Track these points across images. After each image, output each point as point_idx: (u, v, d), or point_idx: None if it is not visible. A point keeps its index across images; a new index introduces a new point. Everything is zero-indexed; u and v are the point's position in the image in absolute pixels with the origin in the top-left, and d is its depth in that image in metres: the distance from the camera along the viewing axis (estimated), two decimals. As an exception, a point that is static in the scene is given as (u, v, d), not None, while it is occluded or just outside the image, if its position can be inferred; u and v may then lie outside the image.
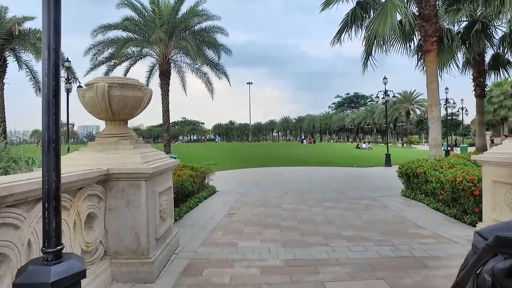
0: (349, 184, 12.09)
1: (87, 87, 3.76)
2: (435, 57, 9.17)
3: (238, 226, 6.13)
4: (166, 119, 16.93)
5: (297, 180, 13.27)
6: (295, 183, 12.37)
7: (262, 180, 13.43)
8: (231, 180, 13.26)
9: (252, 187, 11.46)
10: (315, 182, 12.66)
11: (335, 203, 8.37)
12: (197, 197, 8.37)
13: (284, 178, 13.99)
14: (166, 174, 4.24)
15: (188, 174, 8.43)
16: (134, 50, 17.00)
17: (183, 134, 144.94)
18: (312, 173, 15.93)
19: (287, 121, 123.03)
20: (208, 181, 10.44)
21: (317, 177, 14.29)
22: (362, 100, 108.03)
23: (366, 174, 15.40)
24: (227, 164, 20.24)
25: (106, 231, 3.44)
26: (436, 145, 9.36)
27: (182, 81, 19.77)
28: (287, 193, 10.11)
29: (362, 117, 77.34)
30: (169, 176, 4.43)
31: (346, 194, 9.84)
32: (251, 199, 8.95)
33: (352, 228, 5.87)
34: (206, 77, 19.14)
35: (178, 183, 7.17)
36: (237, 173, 16.18)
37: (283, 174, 15.31)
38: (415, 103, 55.60)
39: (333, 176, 14.64)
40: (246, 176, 14.83)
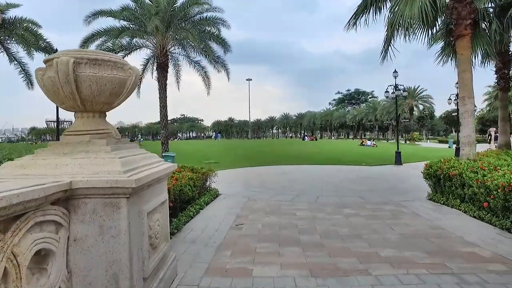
0: (364, 185, 11.03)
1: (46, 65, 2.67)
2: (468, 43, 8.09)
3: (249, 242, 5.06)
4: (164, 115, 15.83)
5: (306, 180, 12.21)
6: (305, 184, 11.31)
7: (268, 180, 12.37)
8: (235, 181, 12.20)
9: (258, 189, 10.39)
10: (326, 183, 11.60)
11: (355, 209, 7.31)
12: (198, 203, 7.31)
13: (291, 178, 12.93)
14: (159, 185, 3.16)
15: (188, 176, 7.36)
16: (129, 41, 15.85)
17: (182, 131, 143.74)
18: (320, 172, 14.87)
19: (287, 117, 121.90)
20: (210, 183, 9.37)
21: (327, 177, 13.23)
22: (363, 97, 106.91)
23: (379, 174, 14.34)
24: (228, 162, 19.17)
25: (70, 272, 2.36)
26: (469, 143, 8.29)
27: (176, 74, 18.65)
28: (298, 196, 9.05)
29: (364, 114, 76.20)
30: (163, 187, 3.35)
31: (365, 197, 8.78)
32: (260, 205, 7.88)
33: (388, 245, 4.81)
34: (204, 71, 18.05)
35: (176, 189, 6.10)
36: (240, 172, 15.11)
37: (290, 174, 14.24)
38: (419, 99, 54.50)
39: (344, 176, 13.57)
40: (250, 176, 13.76)
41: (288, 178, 13.04)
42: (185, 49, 17.30)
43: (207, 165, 18.67)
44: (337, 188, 10.50)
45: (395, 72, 18.95)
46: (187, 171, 8.32)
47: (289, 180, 12.45)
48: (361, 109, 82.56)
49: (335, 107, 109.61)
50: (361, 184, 11.24)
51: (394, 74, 18.97)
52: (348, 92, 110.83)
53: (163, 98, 15.69)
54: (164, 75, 15.63)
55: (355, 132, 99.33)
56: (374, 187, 10.71)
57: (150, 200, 2.84)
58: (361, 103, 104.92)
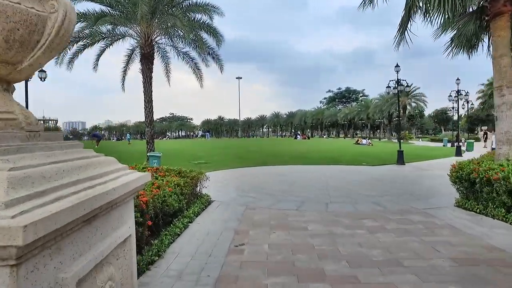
0: (374, 189, 9.81)
1: None
2: (507, 22, 6.94)
3: (256, 275, 3.73)
4: (149, 111, 14.35)
5: (308, 183, 10.94)
6: (308, 188, 10.03)
7: (266, 183, 11.06)
8: (228, 184, 10.86)
9: (256, 194, 9.07)
10: (331, 186, 10.36)
11: (378, 220, 6.06)
12: (186, 216, 5.95)
13: (291, 180, 11.64)
14: (115, 213, 1.80)
15: (174, 182, 6.00)
16: (110, 29, 14.31)
17: (171, 130, 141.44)
18: (322, 173, 13.62)
19: (278, 116, 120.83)
20: (201, 188, 8.01)
21: (330, 178, 11.99)
22: (354, 95, 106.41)
23: (385, 175, 13.16)
24: (220, 163, 17.79)
25: None
26: (509, 140, 7.10)
27: (166, 68, 17.18)
28: (304, 203, 7.76)
29: (356, 112, 75.46)
30: (125, 213, 1.98)
31: (382, 204, 7.54)
32: (262, 216, 6.56)
33: (446, 279, 3.55)
34: (195, 62, 16.61)
35: (158, 201, 4.74)
36: (232, 174, 13.76)
37: (288, 176, 12.95)
38: (412, 97, 53.90)
39: (349, 178, 12.35)
40: (245, 178, 12.42)
41: (287, 180, 11.75)
42: (173, 39, 15.84)
43: (197, 166, 17.28)
44: (346, 192, 9.24)
45: (397, 66, 17.82)
46: (173, 175, 6.95)
47: (288, 183, 11.16)
48: (353, 108, 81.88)
49: (326, 105, 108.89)
50: (371, 188, 10.02)
51: (396, 69, 17.84)
52: (339, 91, 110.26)
53: (148, 92, 14.22)
54: (149, 67, 14.16)
55: (346, 130, 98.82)
56: (387, 191, 9.49)
57: (86, 252, 1.48)
58: (352, 101, 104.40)
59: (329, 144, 40.78)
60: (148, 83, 14.23)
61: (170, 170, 7.43)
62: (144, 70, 14.22)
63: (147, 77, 14.21)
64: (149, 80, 14.27)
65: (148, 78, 14.22)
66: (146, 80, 14.23)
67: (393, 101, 56.05)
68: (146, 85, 14.24)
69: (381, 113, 62.43)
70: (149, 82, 14.25)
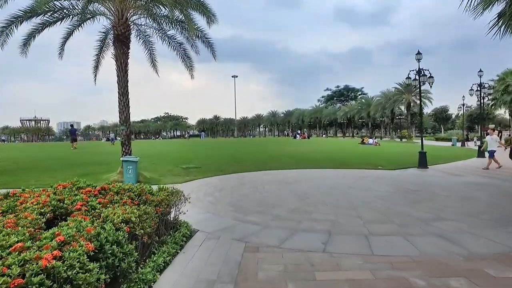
0: (420, 205, 7.24)
1: None
2: None
3: None
4: (124, 105, 11.66)
5: (326, 196, 8.34)
6: (328, 204, 7.43)
7: (270, 197, 8.47)
8: (220, 199, 8.24)
9: (258, 217, 6.47)
10: (358, 201, 7.78)
11: (473, 280, 3.49)
12: (150, 267, 3.36)
13: (302, 191, 9.06)
14: None
15: (120, 218, 3.40)
16: (74, 4, 11.59)
17: (166, 129, 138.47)
18: (337, 181, 11.04)
19: (275, 115, 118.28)
20: (177, 214, 5.40)
21: (351, 189, 9.42)
22: (353, 93, 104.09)
23: (417, 183, 10.61)
24: (213, 167, 15.17)
25: None
26: None
27: (150, 56, 14.53)
28: (332, 236, 5.17)
29: (356, 110, 72.92)
30: None
31: (453, 238, 4.97)
32: (271, 270, 3.94)
33: None
34: (183, 49, 13.97)
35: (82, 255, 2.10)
36: (227, 182, 11.15)
37: (297, 184, 10.37)
38: (416, 94, 51.30)
39: (374, 187, 9.79)
40: (242, 188, 9.82)
41: (297, 191, 9.17)
42: (156, 20, 13.17)
43: (186, 170, 14.66)
44: (384, 213, 6.66)
45: (418, 54, 15.25)
46: (128, 201, 4.31)
47: (299, 195, 8.57)
48: (353, 106, 79.35)
49: (324, 104, 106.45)
50: (413, 204, 7.44)
51: (417, 57, 15.27)
52: (337, 89, 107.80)
53: (123, 82, 11.55)
54: (123, 52, 11.49)
55: (344, 129, 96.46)
56: (438, 209, 6.91)
57: None
58: (350, 100, 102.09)
59: (332, 144, 38.24)
60: (123, 71, 11.57)
61: (125, 190, 4.78)
62: (118, 55, 11.56)
63: (121, 64, 11.55)
64: (124, 67, 11.62)
65: (122, 65, 11.56)
66: (120, 67, 11.57)
67: (396, 99, 53.70)
68: (120, 73, 11.58)
69: (382, 111, 60.03)
70: (123, 70, 11.59)
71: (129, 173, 10.65)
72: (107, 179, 11.29)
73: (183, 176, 12.77)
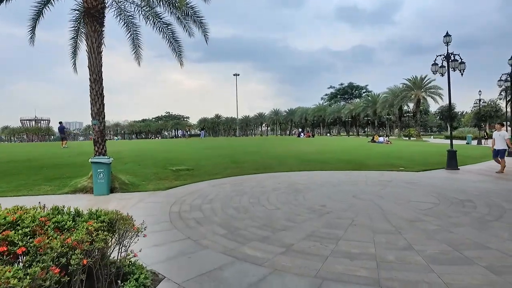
0: (496, 230, 5.06)
1: None
2: None
3: None
4: (97, 95, 9.49)
5: (353, 212, 6.15)
6: (361, 228, 5.25)
7: (278, 212, 6.32)
8: (210, 216, 6.07)
9: (262, 250, 4.32)
10: (398, 218, 5.61)
11: None
12: None
13: (318, 202, 6.91)
14: None
15: None
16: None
17: (167, 129, 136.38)
18: (359, 188, 8.87)
19: (277, 114, 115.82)
20: (122, 258, 3.21)
21: (381, 199, 7.25)
22: (357, 91, 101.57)
23: (460, 190, 8.41)
24: (207, 169, 13.02)
25: None
26: None
27: (134, 41, 12.37)
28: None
29: (362, 108, 70.41)
30: None
31: None
32: None
33: None
34: (171, 30, 11.82)
35: None
36: (223, 188, 9.01)
37: (310, 192, 8.21)
38: (426, 90, 48.91)
39: (409, 196, 7.62)
40: (242, 199, 7.66)
41: (310, 202, 7.02)
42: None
43: (175, 173, 12.53)
44: (445, 240, 4.47)
45: (447, 36, 13.00)
46: None
47: (314, 210, 6.41)
48: (358, 103, 76.77)
49: (328, 102, 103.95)
50: (482, 226, 5.23)
51: (445, 39, 13.04)
52: (341, 87, 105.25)
53: (95, 66, 9.40)
54: (95, 29, 9.34)
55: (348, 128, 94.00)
56: None
57: None
58: (355, 97, 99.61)
59: (339, 143, 36.00)
60: (95, 52, 9.43)
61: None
62: (89, 34, 9.43)
63: (92, 44, 9.41)
64: (97, 48, 9.48)
65: (94, 46, 9.42)
66: (91, 48, 9.43)
67: (404, 95, 51.33)
68: (92, 56, 9.44)
69: (390, 108, 57.61)
70: (96, 52, 9.45)
71: (100, 177, 8.53)
72: (74, 186, 9.19)
73: (171, 180, 10.64)
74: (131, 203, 7.40)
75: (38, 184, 9.67)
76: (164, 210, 6.62)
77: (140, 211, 6.50)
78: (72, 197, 8.30)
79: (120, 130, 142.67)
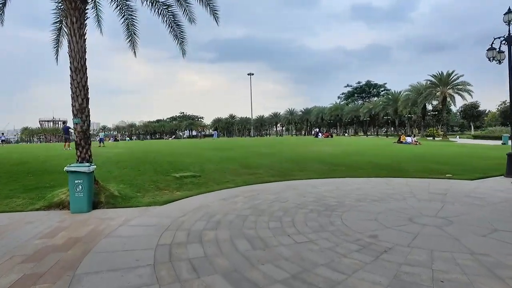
0: None
1: None
2: None
3: None
4: (79, 87, 7.70)
5: (424, 253, 4.10)
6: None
7: (309, 246, 4.33)
8: (215, 255, 4.08)
9: None
10: (491, 261, 3.57)
11: None
12: None
13: (363, 229, 4.91)
14: None
15: None
16: None
17: (181, 129, 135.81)
18: (411, 204, 6.78)
19: (292, 113, 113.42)
20: None
21: (447, 223, 5.18)
22: (375, 89, 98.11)
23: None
24: (216, 175, 11.13)
25: None
26: None
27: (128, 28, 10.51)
28: None
29: (382, 107, 67.28)
30: None
31: None
32: None
33: None
34: (171, 12, 9.96)
35: None
36: (234, 205, 7.08)
37: (344, 212, 6.18)
38: (454, 87, 45.70)
39: (488, 219, 5.50)
40: (258, 223, 5.71)
41: (351, 227, 5.02)
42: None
43: (178, 181, 10.67)
44: None
45: (509, 12, 10.69)
46: None
47: (362, 243, 4.41)
48: (377, 102, 73.52)
49: (345, 101, 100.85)
50: None
51: (506, 17, 10.72)
52: (358, 85, 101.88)
53: (77, 52, 7.61)
54: (75, 6, 7.55)
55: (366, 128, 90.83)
56: None
57: None
58: (373, 96, 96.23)
59: (360, 143, 33.64)
60: (76, 35, 7.65)
61: None
62: (68, 12, 7.65)
63: (73, 24, 7.63)
64: (78, 30, 7.69)
65: (75, 27, 7.64)
66: (71, 29, 7.65)
67: (429, 92, 48.31)
68: (73, 39, 7.66)
69: (412, 107, 54.53)
70: (77, 34, 7.67)
71: (78, 191, 6.71)
72: (50, 199, 7.41)
73: (171, 190, 8.79)
74: (111, 227, 5.54)
75: (10, 196, 7.96)
76: (151, 242, 4.73)
77: (115, 244, 4.65)
78: (42, 215, 6.51)
79: (135, 130, 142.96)
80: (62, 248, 4.56)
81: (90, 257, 4.19)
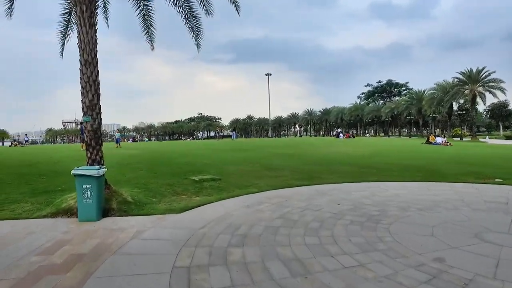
0: None
1: None
2: None
3: None
4: (90, 82, 7.04)
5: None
6: None
7: (362, 272, 3.41)
8: (242, 277, 3.26)
9: None
10: None
11: None
12: None
13: (417, 247, 3.96)
14: None
15: None
16: None
17: (199, 130, 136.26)
18: (464, 215, 5.75)
19: (311, 114, 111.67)
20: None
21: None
22: (396, 89, 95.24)
23: None
24: (238, 178, 10.31)
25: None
26: None
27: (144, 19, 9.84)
28: None
29: (405, 107, 64.94)
30: None
31: None
32: None
33: None
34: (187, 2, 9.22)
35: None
36: (260, 213, 6.22)
37: (391, 223, 5.21)
38: (485, 84, 43.22)
39: None
40: (290, 234, 4.84)
41: (406, 245, 4.06)
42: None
43: (197, 184, 9.89)
44: None
45: None
46: None
47: (427, 269, 3.45)
48: (400, 101, 71.07)
49: (365, 101, 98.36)
50: None
51: None
52: (379, 84, 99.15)
53: (87, 43, 6.97)
54: (87, -7, 6.93)
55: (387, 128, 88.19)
56: None
57: None
58: (394, 96, 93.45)
59: (385, 144, 32.19)
60: (86, 24, 6.99)
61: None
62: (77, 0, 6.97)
63: (83, 13, 6.97)
64: (89, 19, 7.03)
65: (85, 16, 6.97)
66: (81, 18, 6.99)
67: (456, 90, 46.06)
68: (83, 29, 7.00)
69: (438, 106, 52.20)
70: (88, 24, 7.01)
71: (86, 197, 6.00)
72: (58, 205, 6.74)
73: (190, 195, 8.01)
74: (120, 241, 4.77)
75: (18, 201, 7.37)
76: (166, 263, 3.92)
77: (123, 265, 3.86)
78: (48, 223, 5.83)
79: (153, 131, 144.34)
80: (60, 269, 3.81)
81: (90, 285, 3.40)
